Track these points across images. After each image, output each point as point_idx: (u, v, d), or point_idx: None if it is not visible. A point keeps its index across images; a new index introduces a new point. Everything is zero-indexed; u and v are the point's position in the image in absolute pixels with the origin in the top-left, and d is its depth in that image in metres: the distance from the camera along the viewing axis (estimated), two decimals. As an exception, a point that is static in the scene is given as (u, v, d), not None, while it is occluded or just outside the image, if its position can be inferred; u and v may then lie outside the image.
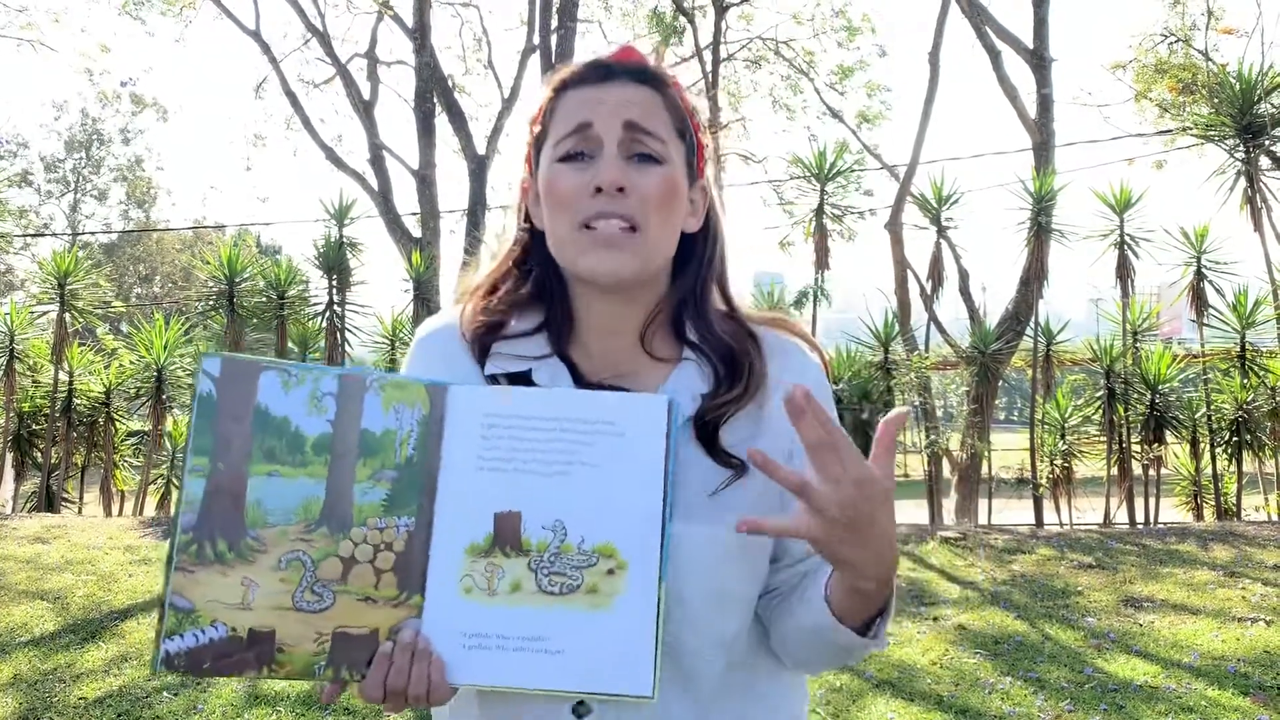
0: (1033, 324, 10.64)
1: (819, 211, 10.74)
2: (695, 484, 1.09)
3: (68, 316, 10.61)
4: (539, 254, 1.18)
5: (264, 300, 10.87)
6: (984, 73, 13.71)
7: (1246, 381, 9.57)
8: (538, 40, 13.73)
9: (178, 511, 1.01)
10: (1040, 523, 9.62)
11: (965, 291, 12.45)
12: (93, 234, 35.40)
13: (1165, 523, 9.48)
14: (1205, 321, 9.92)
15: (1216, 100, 10.87)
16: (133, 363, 11.36)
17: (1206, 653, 4.90)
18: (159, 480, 11.07)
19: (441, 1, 17.70)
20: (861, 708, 4.29)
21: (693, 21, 17.07)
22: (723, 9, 17.07)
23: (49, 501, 10.49)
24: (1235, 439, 9.56)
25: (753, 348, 1.15)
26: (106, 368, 11.29)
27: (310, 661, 1.01)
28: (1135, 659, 4.85)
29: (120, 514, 10.58)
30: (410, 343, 1.25)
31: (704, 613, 1.08)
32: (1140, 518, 9.67)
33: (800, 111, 19.77)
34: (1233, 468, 9.73)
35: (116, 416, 11.17)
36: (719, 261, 1.21)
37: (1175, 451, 10.42)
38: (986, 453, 10.60)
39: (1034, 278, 10.55)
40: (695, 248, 1.19)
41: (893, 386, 9.91)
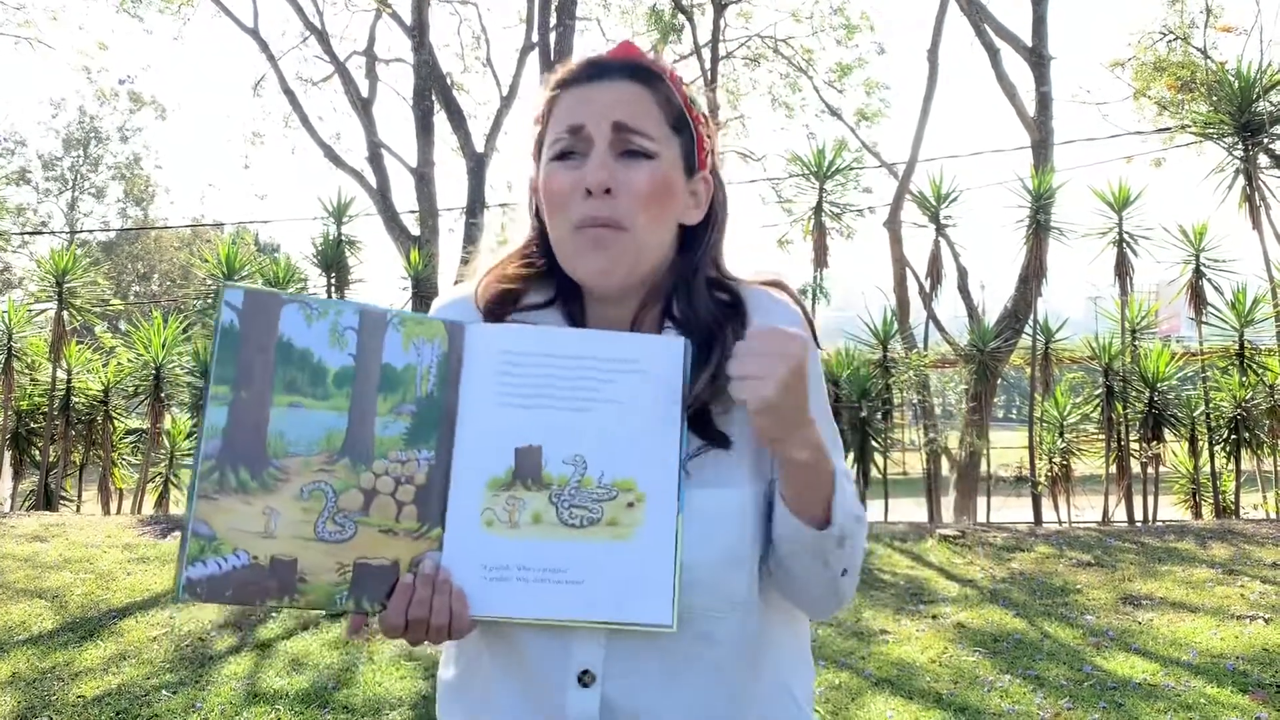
0: (1031, 322, 10.64)
1: (818, 209, 10.73)
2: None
3: (66, 315, 10.59)
4: (549, 246, 1.21)
5: (262, 298, 10.83)
6: (983, 70, 13.74)
7: (1245, 379, 9.57)
8: (536, 38, 13.72)
9: (200, 439, 1.01)
10: (1039, 520, 9.62)
11: (964, 289, 12.45)
12: (91, 232, 35.41)
13: (1164, 521, 9.49)
14: (1204, 319, 9.91)
15: (1215, 98, 10.88)
16: (131, 361, 11.33)
17: (1205, 650, 4.90)
18: (157, 479, 11.05)
19: (440, -1, 17.69)
20: (860, 706, 4.29)
21: (691, 19, 17.06)
22: (721, 6, 17.05)
23: (47, 500, 10.47)
24: (1234, 437, 9.56)
25: (735, 322, 1.17)
26: (105, 366, 11.26)
27: (331, 591, 1.02)
28: (1134, 657, 4.85)
29: (119, 512, 10.57)
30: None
31: (713, 574, 1.10)
32: (1139, 515, 9.67)
33: (799, 109, 19.77)
34: (1231, 465, 9.73)
35: (115, 415, 11.15)
36: (718, 246, 1.24)
37: (1174, 449, 10.42)
38: (985, 451, 10.61)
39: (1033, 276, 10.55)
40: (696, 239, 1.21)
41: (891, 384, 9.91)
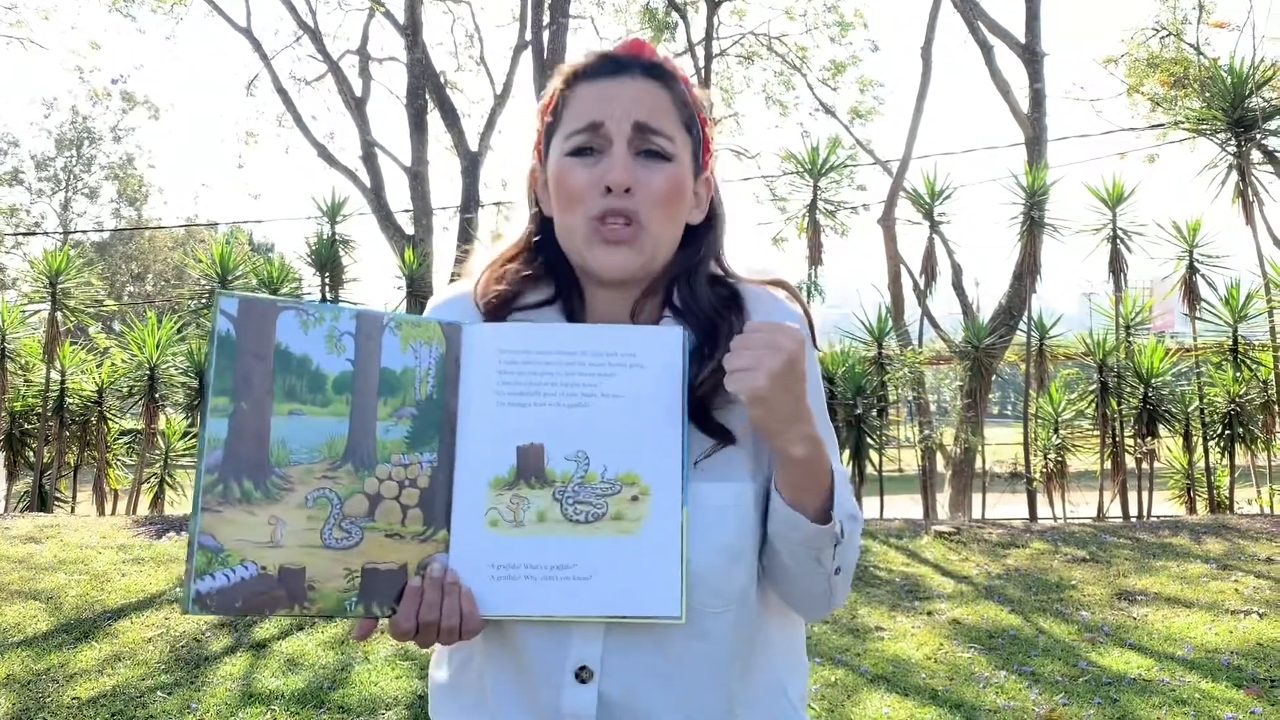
0: (1026, 318, 10.66)
1: (812, 207, 10.74)
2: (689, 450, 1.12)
3: (59, 315, 10.57)
4: (549, 237, 1.21)
5: (256, 298, 10.81)
6: (976, 67, 13.75)
7: (1239, 375, 9.59)
8: (530, 36, 13.70)
9: (201, 452, 1.01)
10: (1034, 517, 9.63)
11: (958, 286, 12.48)
12: (84, 232, 35.29)
13: (1158, 516, 9.51)
14: (1197, 315, 9.94)
15: (1208, 94, 10.91)
16: (125, 361, 11.30)
17: (1200, 646, 4.91)
18: (152, 479, 11.02)
19: (433, -2, 17.66)
20: (856, 703, 4.29)
21: (685, 17, 17.07)
22: (715, 4, 17.04)
23: (41, 501, 10.45)
24: (1228, 432, 9.59)
25: (735, 313, 1.18)
26: (99, 366, 11.23)
27: (341, 598, 1.02)
28: (1129, 652, 4.86)
29: (113, 513, 10.55)
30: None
31: (711, 570, 1.10)
32: (1133, 511, 9.69)
33: (793, 107, 19.78)
34: (1225, 461, 9.75)
35: (109, 415, 11.12)
36: (718, 243, 1.25)
37: (1168, 445, 10.45)
38: (980, 447, 10.62)
39: (1027, 272, 10.57)
40: (698, 235, 1.22)
41: (886, 381, 9.92)
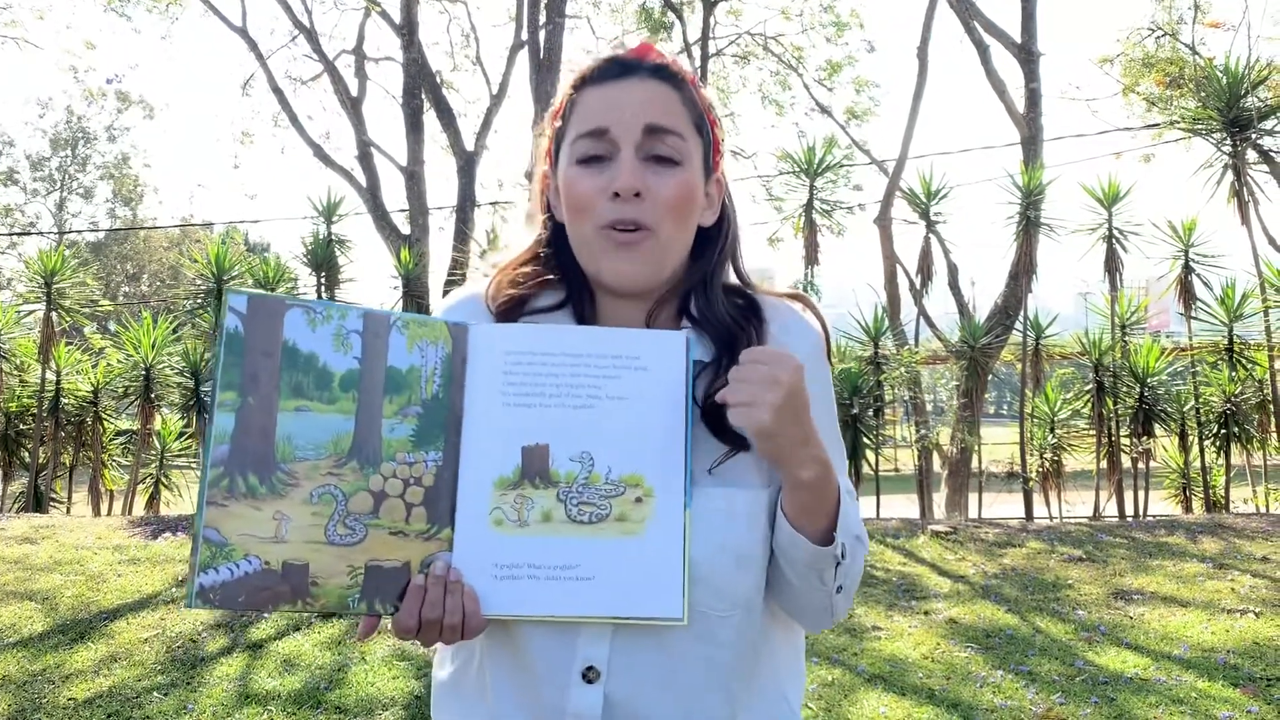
0: (1022, 318, 10.67)
1: (808, 207, 10.75)
2: (699, 456, 1.11)
3: (54, 316, 10.55)
4: (560, 243, 1.20)
5: (252, 298, 10.80)
6: (972, 67, 13.76)
7: (1234, 374, 9.61)
8: (526, 36, 13.70)
9: (208, 445, 1.01)
10: (1030, 516, 9.65)
11: (954, 286, 12.48)
12: (79, 232, 35.25)
13: (1154, 515, 9.52)
14: (1193, 315, 9.96)
15: (1203, 94, 10.92)
16: (120, 362, 11.29)
17: (1196, 645, 4.92)
18: (148, 480, 11.01)
19: (429, -3, 17.63)
20: (853, 702, 4.29)
21: (681, 17, 17.07)
22: (711, 4, 17.04)
23: (37, 502, 10.43)
24: (1223, 431, 9.61)
25: (754, 322, 1.18)
26: (94, 367, 11.21)
27: (343, 594, 1.02)
28: (1126, 651, 4.86)
29: (109, 514, 10.53)
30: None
31: (720, 574, 1.10)
32: (1129, 510, 9.71)
33: (789, 107, 19.77)
34: (1221, 460, 9.78)
35: (104, 416, 11.11)
36: (732, 248, 1.24)
37: (1164, 444, 10.47)
38: (976, 447, 10.64)
39: (1023, 272, 10.59)
40: (711, 238, 1.21)
41: (883, 381, 9.93)
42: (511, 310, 1.19)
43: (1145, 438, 9.78)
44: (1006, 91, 12.95)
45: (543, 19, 12.26)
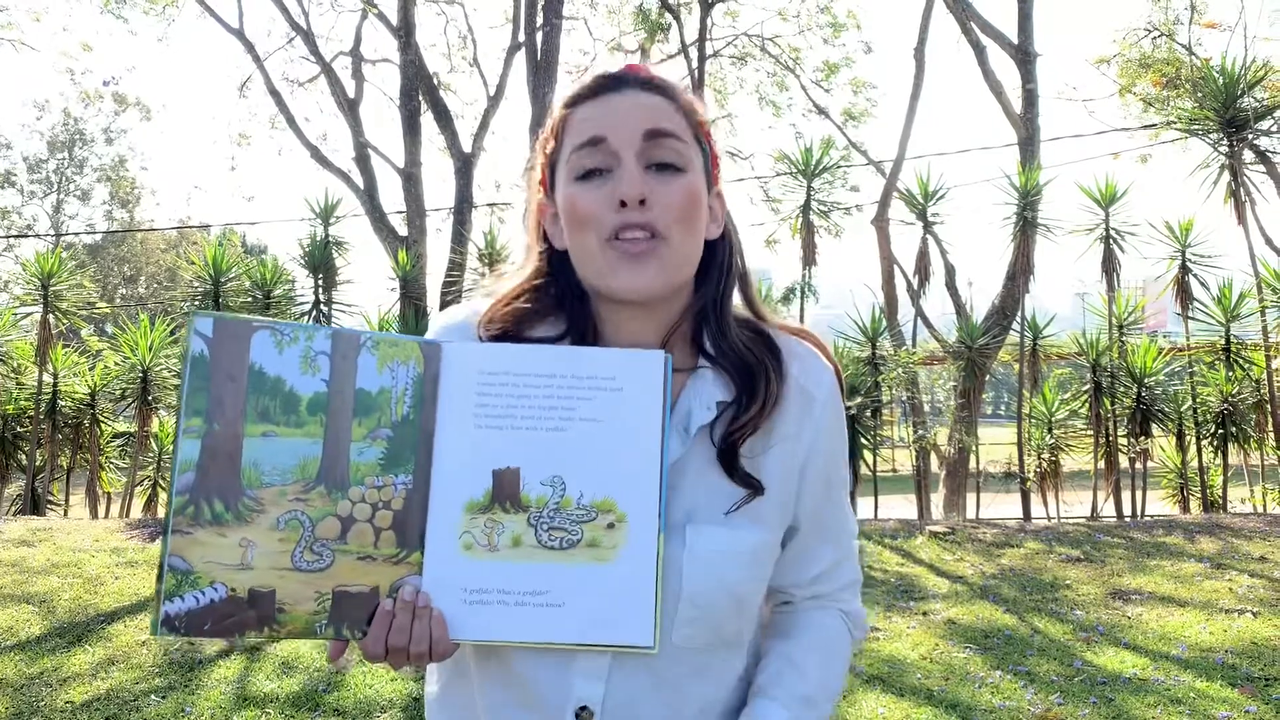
0: (1019, 318, 10.68)
1: (805, 208, 10.75)
2: (713, 495, 1.10)
3: (52, 318, 10.54)
4: (559, 273, 1.16)
5: (249, 300, 10.82)
6: (969, 68, 13.76)
7: (1231, 374, 9.63)
8: (523, 37, 13.68)
9: (173, 474, 1.00)
10: (1028, 516, 9.66)
11: (952, 286, 12.48)
12: (76, 234, 35.21)
13: (1152, 515, 9.53)
14: (1190, 315, 9.97)
15: (1200, 94, 10.93)
16: (118, 364, 11.28)
17: (1194, 645, 4.92)
18: (145, 482, 11.00)
19: (426, -1, 17.64)
20: (851, 703, 4.29)
21: (678, 18, 17.06)
22: (708, 5, 17.04)
23: (34, 504, 10.42)
24: (1221, 431, 9.62)
25: (770, 359, 1.14)
26: (91, 369, 11.21)
27: (311, 620, 1.02)
28: (1124, 651, 4.87)
29: (106, 516, 10.52)
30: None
31: (718, 613, 1.09)
32: (1127, 510, 9.72)
33: (786, 108, 19.77)
34: (1218, 460, 9.79)
35: (102, 418, 11.10)
36: (739, 267, 1.20)
37: (1161, 444, 10.48)
38: (974, 447, 10.64)
39: (1020, 272, 10.60)
40: (715, 255, 1.17)
41: (880, 382, 9.93)
42: (503, 339, 1.14)
43: (1143, 438, 9.79)
44: (1003, 92, 12.96)
45: (540, 20, 12.24)
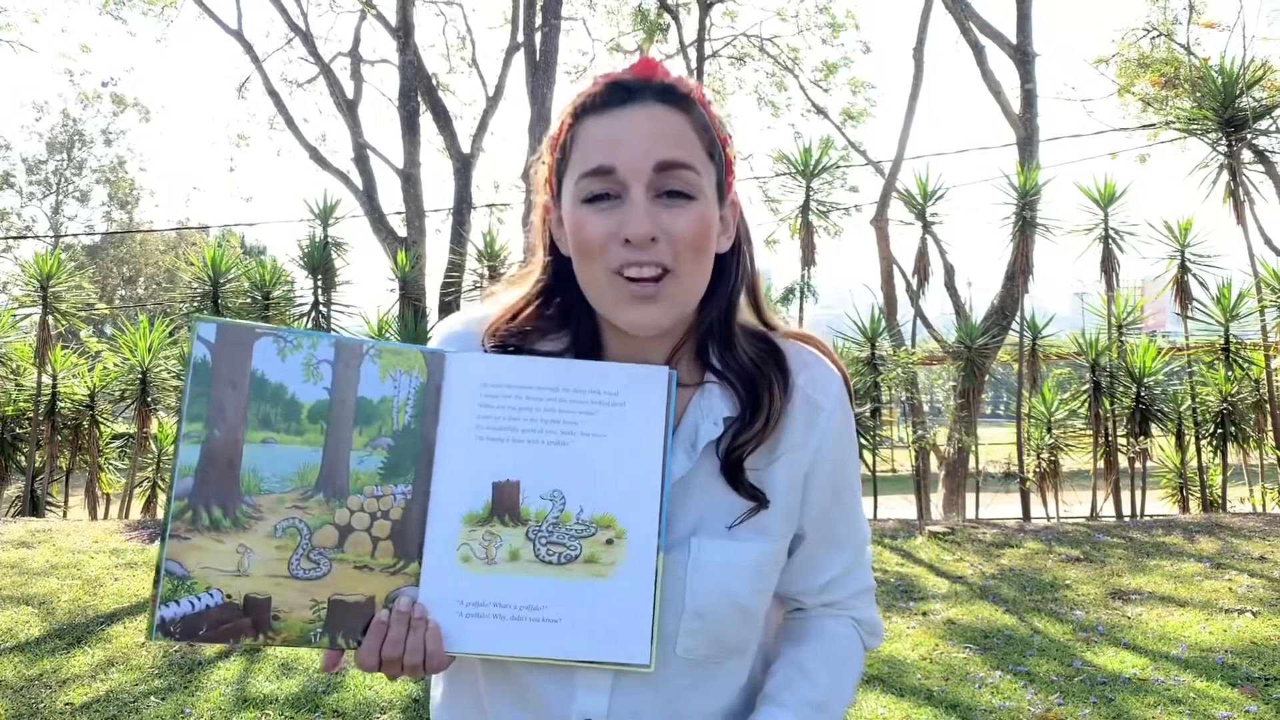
0: (1018, 318, 10.68)
1: (805, 208, 10.75)
2: (718, 508, 1.09)
3: (50, 319, 10.53)
4: (564, 278, 1.12)
5: (249, 301, 10.82)
6: (968, 68, 13.76)
7: (1231, 374, 9.63)
8: (522, 38, 13.68)
9: (172, 478, 1.00)
10: (1027, 516, 9.65)
11: (951, 286, 12.48)
12: (75, 236, 35.18)
13: (1151, 515, 9.53)
14: (1189, 314, 9.97)
15: (1199, 94, 10.93)
16: (117, 365, 11.27)
17: (1194, 644, 4.92)
18: (144, 483, 11.00)
19: None
20: (852, 703, 4.29)
21: (677, 18, 17.07)
22: (706, 6, 17.06)
23: (33, 506, 10.41)
24: (1220, 431, 9.62)
25: (775, 371, 1.13)
26: (90, 370, 11.20)
27: (306, 629, 1.01)
28: (1124, 651, 4.87)
29: (106, 517, 10.51)
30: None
31: (722, 624, 1.09)
32: (1126, 510, 9.72)
33: (785, 108, 19.79)
34: (1218, 460, 9.79)
35: (101, 419, 11.09)
36: (749, 274, 1.18)
37: (1161, 444, 10.48)
38: (973, 447, 10.64)
39: (1019, 272, 10.59)
40: (724, 269, 1.14)
41: (880, 382, 9.93)
42: (508, 352, 1.12)
43: (1142, 438, 9.79)
44: (1002, 92, 12.96)
45: (539, 21, 12.23)
